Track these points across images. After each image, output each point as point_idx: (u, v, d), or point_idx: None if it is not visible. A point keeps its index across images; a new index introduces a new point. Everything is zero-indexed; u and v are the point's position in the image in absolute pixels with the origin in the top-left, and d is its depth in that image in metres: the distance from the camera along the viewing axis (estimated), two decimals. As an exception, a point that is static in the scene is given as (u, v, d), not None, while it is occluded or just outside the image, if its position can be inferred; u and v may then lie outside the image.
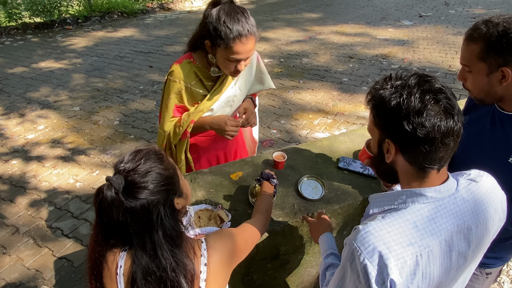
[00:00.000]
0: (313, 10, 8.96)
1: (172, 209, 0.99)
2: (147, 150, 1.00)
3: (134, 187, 0.91)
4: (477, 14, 7.65)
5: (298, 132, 4.14)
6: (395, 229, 0.86)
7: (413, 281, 0.86)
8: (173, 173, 1.02)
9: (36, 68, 6.40)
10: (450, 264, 0.91)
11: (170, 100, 1.70)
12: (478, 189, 0.96)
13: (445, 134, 0.83)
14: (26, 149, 4.13)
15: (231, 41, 1.44)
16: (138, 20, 9.22)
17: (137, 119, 4.68)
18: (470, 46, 1.18)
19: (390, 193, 0.97)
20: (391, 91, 0.88)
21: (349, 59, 6.01)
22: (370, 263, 0.84)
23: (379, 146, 0.96)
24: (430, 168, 0.89)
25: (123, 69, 6.24)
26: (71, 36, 8.12)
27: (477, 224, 0.93)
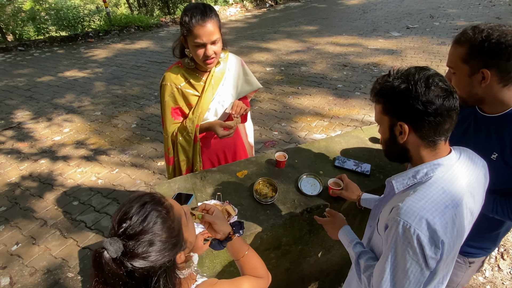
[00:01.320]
0: (310, 23, 8.93)
1: (172, 269, 0.88)
2: (152, 207, 0.84)
3: (133, 255, 0.79)
4: (460, 26, 7.59)
5: (298, 134, 4.12)
6: (430, 197, 0.90)
7: (452, 237, 0.90)
8: (178, 230, 0.89)
9: (62, 77, 6.42)
10: (466, 221, 0.97)
11: (166, 104, 1.70)
12: (469, 156, 1.03)
13: (450, 109, 0.89)
14: (53, 150, 4.14)
15: (191, 26, 1.47)
16: (153, 33, 9.24)
17: (153, 122, 4.68)
18: (457, 49, 1.18)
19: (409, 171, 1.00)
20: (398, 80, 0.92)
21: (343, 67, 5.99)
22: (421, 232, 0.86)
23: (391, 130, 0.98)
24: (439, 139, 0.94)
25: (140, 77, 6.25)
26: (93, 48, 8.15)
27: (478, 183, 1.00)
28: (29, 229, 2.97)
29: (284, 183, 1.78)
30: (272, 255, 1.70)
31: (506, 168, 1.21)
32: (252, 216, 1.60)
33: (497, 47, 1.07)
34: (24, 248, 2.79)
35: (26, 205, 3.25)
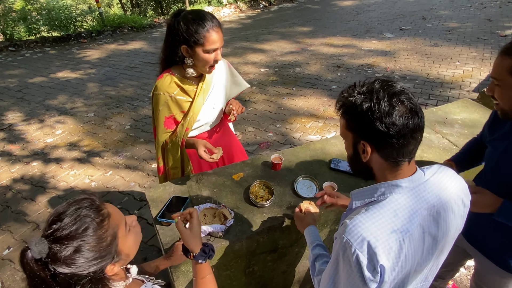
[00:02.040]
0: (304, 24, 8.95)
1: (100, 281, 0.84)
2: (86, 211, 0.81)
3: (57, 260, 0.76)
4: (451, 27, 7.66)
5: (292, 135, 4.12)
6: (378, 219, 0.86)
7: (398, 263, 0.87)
8: (110, 241, 0.84)
9: (54, 78, 6.35)
10: (424, 245, 0.92)
11: (159, 113, 1.68)
12: (442, 178, 0.97)
13: (413, 130, 0.85)
14: (45, 152, 4.09)
15: (206, 33, 1.47)
16: (146, 34, 9.18)
17: (147, 124, 4.65)
18: (505, 60, 1.11)
19: (369, 188, 0.96)
20: (360, 97, 0.88)
21: (338, 68, 6.01)
22: (361, 253, 0.84)
23: (354, 147, 0.95)
24: (403, 160, 0.89)
25: (133, 78, 6.20)
26: (85, 49, 8.07)
27: (445, 208, 0.94)
28: (21, 233, 2.92)
29: (280, 185, 1.77)
30: (269, 258, 1.70)
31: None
32: (248, 219, 1.59)
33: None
34: (16, 252, 2.74)
35: (17, 208, 3.20)
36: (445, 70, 5.56)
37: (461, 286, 2.38)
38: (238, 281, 1.70)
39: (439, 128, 2.26)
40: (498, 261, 1.44)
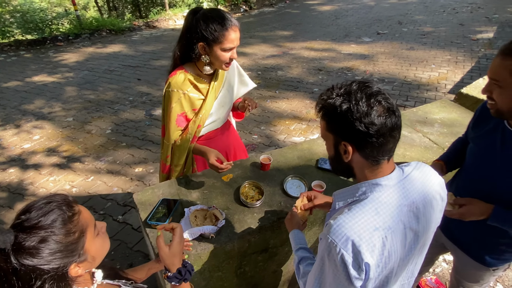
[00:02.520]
0: (285, 28, 9.06)
1: (63, 279, 0.81)
2: (57, 205, 0.81)
3: (22, 250, 0.74)
4: (426, 31, 7.94)
5: (277, 137, 4.15)
6: (361, 218, 0.88)
7: (382, 260, 0.89)
8: (78, 237, 0.83)
9: (30, 82, 6.15)
10: (405, 240, 0.94)
11: (172, 110, 1.66)
12: (418, 176, 1.00)
13: (392, 128, 0.88)
14: (22, 158, 3.95)
15: (225, 31, 1.48)
16: (125, 37, 9.04)
17: (128, 128, 4.57)
18: (505, 61, 1.11)
19: (350, 188, 0.99)
20: (339, 99, 0.90)
21: (319, 72, 6.10)
22: (346, 252, 0.86)
23: (335, 148, 0.97)
24: (383, 159, 0.92)
25: (113, 82, 6.09)
26: (62, 52, 7.86)
27: (424, 204, 0.97)
28: (-2, 242, 2.80)
29: (270, 185, 1.79)
30: (260, 258, 1.70)
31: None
32: (239, 220, 1.60)
33: None
34: (-7, 262, 2.63)
35: (-6, 216, 3.08)
36: (422, 72, 5.75)
37: (443, 280, 2.46)
38: (229, 282, 1.70)
39: (420, 128, 2.34)
40: (472, 254, 1.49)
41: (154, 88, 5.74)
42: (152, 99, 5.36)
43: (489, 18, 8.67)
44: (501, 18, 8.56)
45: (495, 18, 8.61)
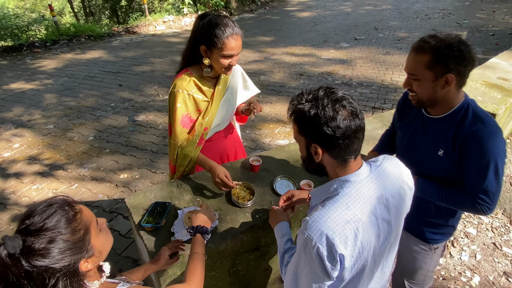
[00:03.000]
0: (265, 34, 9.19)
1: (75, 275, 0.84)
2: (58, 206, 0.84)
3: (33, 253, 0.76)
4: (401, 37, 8.25)
5: (262, 140, 4.22)
6: (333, 213, 0.96)
7: (355, 250, 0.96)
8: (83, 234, 0.86)
9: (7, 89, 5.99)
10: (378, 230, 1.03)
11: (177, 110, 1.70)
12: (386, 169, 1.09)
13: (356, 130, 0.96)
14: (3, 167, 3.85)
15: (225, 39, 1.53)
16: (105, 43, 8.93)
17: (111, 134, 4.53)
18: (420, 57, 1.26)
19: (324, 186, 1.07)
20: (308, 104, 0.97)
21: (300, 76, 6.24)
22: (321, 245, 0.92)
23: (307, 150, 1.05)
24: (350, 158, 1.00)
25: (94, 88, 6.02)
26: (40, 59, 7.69)
27: (392, 194, 1.06)
28: (-20, 253, 2.73)
29: (260, 186, 1.85)
30: (252, 256, 1.75)
31: (450, 162, 1.37)
32: (232, 220, 1.65)
33: (459, 54, 1.20)
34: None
35: (-25, 227, 3.00)
36: (398, 76, 5.98)
37: (425, 273, 2.58)
38: (222, 281, 1.74)
39: (399, 128, 2.46)
40: (414, 231, 1.63)
41: (136, 94, 5.71)
42: (134, 105, 5.33)
43: (459, 23, 9.10)
44: (470, 24, 9.00)
45: (465, 24, 9.04)
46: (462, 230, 2.97)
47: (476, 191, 1.32)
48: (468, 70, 1.26)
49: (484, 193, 1.31)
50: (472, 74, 3.30)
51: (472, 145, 1.28)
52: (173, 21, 10.57)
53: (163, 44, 8.62)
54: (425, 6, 11.35)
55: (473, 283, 2.52)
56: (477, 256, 2.73)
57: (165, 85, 6.03)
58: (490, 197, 1.31)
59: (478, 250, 2.78)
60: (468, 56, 1.22)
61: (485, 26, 8.68)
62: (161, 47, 8.33)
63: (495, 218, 3.07)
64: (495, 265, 2.65)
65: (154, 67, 6.98)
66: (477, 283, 2.51)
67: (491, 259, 2.70)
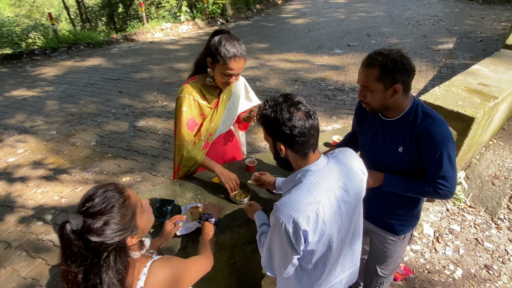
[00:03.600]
0: (261, 41, 9.41)
1: (123, 249, 1.01)
2: (112, 193, 1.00)
3: (90, 231, 0.93)
4: (393, 43, 8.49)
5: (258, 144, 4.41)
6: (297, 197, 1.17)
7: (318, 227, 1.17)
8: (131, 217, 1.03)
9: (9, 97, 6.14)
10: (340, 211, 1.24)
11: (183, 114, 1.86)
12: (341, 159, 1.31)
13: (310, 129, 1.18)
14: (8, 172, 4.00)
15: (228, 59, 1.70)
16: (104, 50, 9.10)
17: (113, 139, 4.69)
18: (370, 71, 1.46)
19: (290, 176, 1.30)
20: (270, 110, 1.18)
21: (295, 82, 6.44)
22: (287, 223, 1.14)
23: (274, 147, 1.27)
24: (308, 151, 1.22)
25: (94, 95, 6.18)
26: (40, 66, 7.85)
27: (349, 179, 1.27)
28: (-9, 253, 2.88)
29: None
30: (248, 248, 1.93)
31: (410, 157, 1.56)
32: (230, 215, 1.82)
33: (403, 67, 1.42)
34: (-12, 271, 2.71)
35: (-15, 229, 3.14)
36: (389, 81, 6.18)
37: (411, 267, 2.76)
38: (221, 272, 1.90)
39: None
40: (383, 225, 1.83)
41: (136, 100, 5.88)
42: (134, 111, 5.50)
43: (449, 30, 9.38)
44: (460, 30, 9.28)
45: (454, 30, 9.32)
46: (446, 227, 3.16)
47: (436, 178, 1.52)
48: (410, 79, 1.48)
49: (443, 179, 1.52)
50: (454, 80, 3.53)
51: (426, 140, 1.48)
52: (171, 28, 10.77)
53: (161, 52, 8.80)
54: (416, 13, 11.64)
55: (456, 275, 2.70)
56: (460, 250, 2.91)
57: (164, 92, 6.21)
58: (449, 182, 1.52)
59: (462, 245, 2.97)
60: (409, 67, 1.45)
61: (473, 32, 8.95)
62: (159, 54, 8.51)
63: (478, 216, 3.27)
64: (477, 259, 2.83)
65: (153, 74, 7.16)
66: (459, 276, 2.70)
67: (473, 253, 2.89)
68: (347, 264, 1.42)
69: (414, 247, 2.95)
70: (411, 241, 2.98)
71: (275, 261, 1.28)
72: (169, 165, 4.04)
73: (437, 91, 3.23)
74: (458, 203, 3.41)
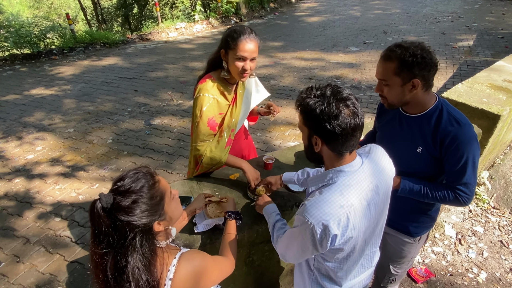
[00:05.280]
0: (275, 39, 9.35)
1: (149, 233, 1.01)
2: (142, 175, 1.02)
3: (119, 209, 0.96)
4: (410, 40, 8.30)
5: (273, 143, 4.36)
6: (328, 198, 1.10)
7: (347, 231, 1.10)
8: (159, 200, 1.04)
9: (28, 95, 6.27)
10: (370, 214, 1.17)
11: (203, 113, 1.79)
12: (374, 159, 1.24)
13: (354, 129, 1.08)
14: (27, 168, 4.07)
15: (238, 41, 1.68)
16: (119, 50, 9.21)
17: (129, 137, 4.73)
18: (387, 65, 1.40)
19: (321, 174, 1.21)
20: (315, 100, 1.08)
21: (309, 80, 6.37)
22: (316, 226, 1.07)
23: (309, 139, 1.18)
24: (346, 152, 1.14)
25: (111, 93, 6.25)
26: (58, 65, 7.99)
27: (381, 181, 1.20)
28: (11, 248, 2.92)
29: (273, 182, 1.98)
30: (266, 247, 1.89)
31: (431, 158, 1.49)
32: (248, 212, 1.78)
33: (422, 60, 1.35)
34: (8, 266, 2.75)
35: (5, 224, 3.20)
36: (407, 79, 6.05)
37: (432, 270, 2.67)
38: (239, 270, 1.87)
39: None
40: (398, 227, 1.76)
41: (152, 99, 5.92)
42: (150, 109, 5.54)
43: (469, 27, 9.13)
44: (480, 27, 9.02)
45: (474, 27, 9.06)
46: (469, 229, 3.06)
47: (457, 184, 1.46)
48: (432, 74, 1.40)
49: (464, 185, 1.45)
50: (478, 76, 3.43)
51: (452, 147, 1.41)
52: (185, 28, 10.83)
53: (176, 51, 8.85)
54: (434, 10, 11.38)
55: (480, 279, 2.60)
56: (484, 253, 2.81)
57: (179, 90, 6.23)
58: (469, 188, 1.45)
59: (485, 247, 2.86)
60: (430, 62, 1.37)
61: (494, 29, 8.69)
62: (174, 54, 8.56)
63: (502, 217, 3.15)
64: (502, 262, 2.72)
65: (168, 73, 7.20)
66: (484, 279, 2.60)
67: (498, 256, 2.78)
68: (366, 264, 1.36)
69: (436, 248, 2.86)
70: (427, 241, 2.89)
71: (291, 253, 1.25)
72: (184, 163, 4.03)
73: (460, 87, 3.12)
74: (481, 204, 3.29)
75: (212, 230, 1.66)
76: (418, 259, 2.78)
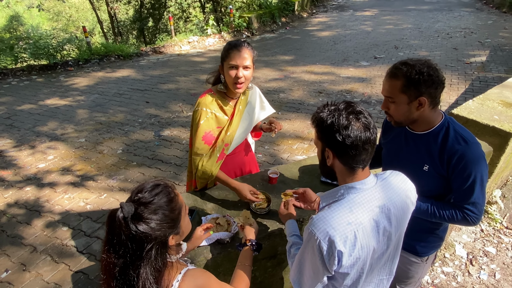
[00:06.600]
0: (286, 53, 9.43)
1: (164, 245, 1.04)
2: (163, 188, 1.05)
3: (140, 219, 0.97)
4: (422, 56, 8.26)
5: (280, 156, 4.35)
6: (337, 214, 1.08)
7: (355, 250, 1.07)
8: (177, 214, 1.07)
9: (43, 105, 6.42)
10: (379, 236, 1.14)
11: (200, 127, 1.84)
12: (391, 182, 1.21)
13: (365, 142, 1.08)
14: (38, 177, 4.14)
15: (230, 51, 1.75)
16: (133, 62, 9.40)
17: (138, 148, 4.78)
18: (393, 82, 1.39)
19: (332, 190, 1.19)
20: (327, 113, 1.11)
21: (319, 94, 6.37)
22: (322, 240, 1.05)
23: (322, 153, 1.18)
24: (357, 167, 1.12)
25: (123, 104, 6.35)
26: (73, 76, 8.19)
27: (394, 206, 1.17)
28: (18, 256, 2.95)
29: (277, 197, 1.96)
30: (269, 264, 1.86)
31: (438, 177, 1.46)
32: (251, 227, 1.76)
33: (429, 78, 1.33)
34: (14, 274, 2.77)
35: (13, 232, 3.24)
36: (418, 94, 5.99)
37: (442, 290, 2.59)
38: (241, 287, 1.84)
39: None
40: (405, 247, 1.66)
41: (162, 110, 5.99)
42: (160, 120, 5.60)
43: (481, 42, 9.04)
44: (493, 42, 8.93)
45: (487, 43, 8.97)
46: (481, 249, 2.96)
47: (465, 203, 1.42)
48: (439, 91, 1.39)
49: (472, 205, 1.41)
50: (489, 93, 3.38)
51: (459, 164, 1.38)
52: (198, 41, 11.02)
53: (188, 64, 8.99)
54: (446, 25, 11.33)
55: (492, 302, 2.50)
56: (496, 275, 2.71)
57: (189, 102, 6.30)
58: (477, 208, 1.42)
59: (498, 269, 2.76)
60: (437, 79, 1.35)
61: (508, 45, 8.59)
62: (186, 66, 8.69)
63: (516, 238, 3.04)
64: (515, 285, 2.62)
65: (179, 85, 7.30)
66: (496, 302, 2.50)
67: (511, 279, 2.68)
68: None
69: (446, 269, 2.78)
70: (436, 261, 2.81)
71: (305, 277, 1.21)
72: (191, 174, 4.05)
73: (471, 104, 3.07)
74: (493, 223, 3.19)
75: (214, 245, 1.65)
76: (428, 279, 2.70)
